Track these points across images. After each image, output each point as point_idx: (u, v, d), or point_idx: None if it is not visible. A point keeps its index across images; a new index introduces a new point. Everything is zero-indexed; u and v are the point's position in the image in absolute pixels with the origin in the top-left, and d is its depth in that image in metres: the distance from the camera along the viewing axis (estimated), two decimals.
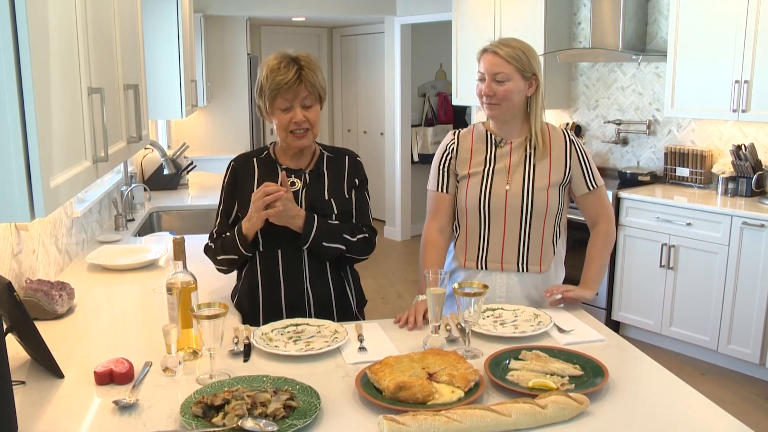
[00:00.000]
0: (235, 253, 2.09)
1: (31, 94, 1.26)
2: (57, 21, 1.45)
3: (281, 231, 2.06)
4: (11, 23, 1.22)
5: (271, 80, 2.01)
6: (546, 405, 1.47)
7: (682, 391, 1.66)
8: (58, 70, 1.45)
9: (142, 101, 2.38)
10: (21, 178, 1.27)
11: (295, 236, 2.07)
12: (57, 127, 1.42)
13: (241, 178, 2.16)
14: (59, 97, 1.45)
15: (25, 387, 1.65)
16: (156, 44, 4.06)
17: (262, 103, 2.08)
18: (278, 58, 2.05)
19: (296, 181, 2.13)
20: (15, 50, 1.23)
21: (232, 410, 1.44)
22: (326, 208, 2.11)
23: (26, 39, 1.24)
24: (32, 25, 1.27)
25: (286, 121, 2.05)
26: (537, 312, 2.10)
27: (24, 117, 1.26)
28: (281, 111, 2.05)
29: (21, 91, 1.25)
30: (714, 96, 4.22)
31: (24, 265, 2.27)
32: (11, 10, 1.22)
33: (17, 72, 1.24)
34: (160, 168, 4.43)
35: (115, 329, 2.14)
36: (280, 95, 2.02)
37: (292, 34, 8.14)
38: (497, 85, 2.15)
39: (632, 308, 4.57)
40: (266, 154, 2.20)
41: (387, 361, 1.67)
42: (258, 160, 2.18)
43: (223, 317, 1.65)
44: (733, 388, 3.95)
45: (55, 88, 1.41)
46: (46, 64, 1.37)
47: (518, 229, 2.22)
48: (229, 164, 2.21)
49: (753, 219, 3.89)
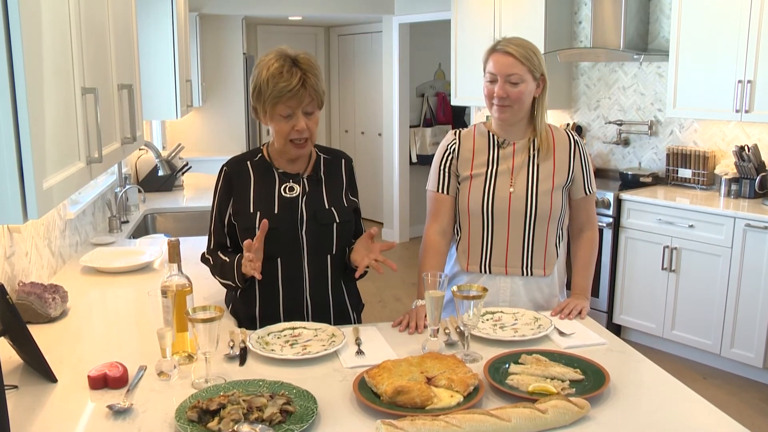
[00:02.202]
0: (233, 282, 2.04)
1: (23, 94, 1.25)
2: (50, 20, 1.44)
3: (282, 239, 2.03)
4: (4, 22, 1.21)
5: (272, 86, 1.93)
6: (546, 410, 1.46)
7: (684, 395, 1.65)
8: (51, 70, 1.44)
9: (136, 101, 2.37)
10: (14, 180, 1.27)
11: (295, 244, 2.04)
12: (50, 127, 1.42)
13: (236, 184, 2.08)
14: (52, 98, 1.44)
15: (18, 391, 1.64)
16: (150, 43, 4.04)
17: (260, 106, 1.99)
18: (278, 60, 1.95)
19: (294, 186, 2.09)
20: (7, 50, 1.23)
21: (227, 415, 1.43)
22: (328, 217, 2.07)
23: (19, 38, 1.23)
24: (25, 24, 1.26)
25: (288, 129, 1.98)
26: (537, 315, 2.09)
27: (17, 117, 1.25)
28: (282, 118, 1.97)
29: (14, 92, 1.24)
30: (717, 96, 4.20)
31: (17, 268, 2.25)
32: (4, 9, 1.21)
33: (10, 72, 1.23)
34: (154, 169, 4.42)
35: (109, 333, 2.13)
36: (282, 102, 1.94)
37: (289, 33, 8.13)
38: (511, 86, 2.11)
39: (634, 311, 4.55)
40: (260, 157, 2.12)
41: (385, 365, 1.66)
42: (252, 163, 2.11)
43: (218, 320, 1.64)
44: (736, 392, 3.93)
45: (48, 88, 1.41)
46: (39, 64, 1.36)
47: (522, 232, 2.20)
48: (221, 170, 2.13)
49: (756, 221, 3.86)
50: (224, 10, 6.34)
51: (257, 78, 1.98)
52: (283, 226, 2.03)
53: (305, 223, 2.06)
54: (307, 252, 2.07)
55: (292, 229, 2.05)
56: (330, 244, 2.09)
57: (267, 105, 1.96)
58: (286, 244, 2.05)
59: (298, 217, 2.06)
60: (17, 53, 1.23)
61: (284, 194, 2.07)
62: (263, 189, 2.07)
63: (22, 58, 1.24)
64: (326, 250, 2.09)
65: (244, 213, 2.05)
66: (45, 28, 1.40)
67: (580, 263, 2.31)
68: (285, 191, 2.08)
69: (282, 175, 2.10)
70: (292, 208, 2.06)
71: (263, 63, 1.98)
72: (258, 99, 1.99)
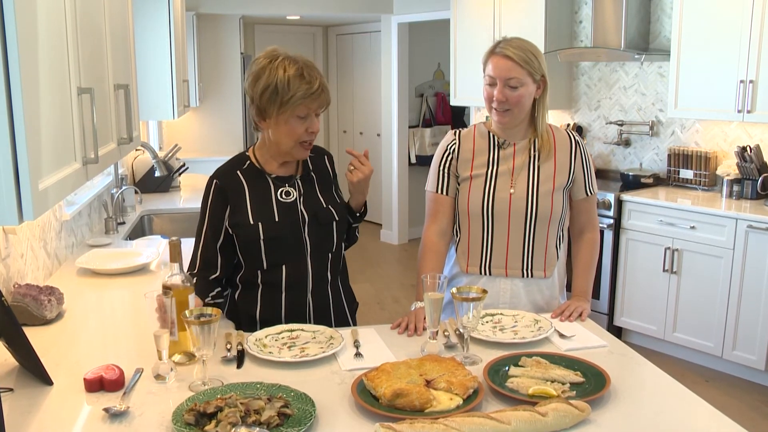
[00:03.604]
0: None
1: (19, 95, 1.25)
2: (46, 19, 1.44)
3: (285, 245, 2.02)
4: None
5: (296, 87, 1.90)
6: (546, 412, 1.45)
7: (685, 398, 1.64)
8: (47, 70, 1.44)
9: (132, 101, 2.37)
10: (9, 181, 1.27)
11: (299, 247, 2.03)
12: (46, 128, 1.42)
13: (232, 196, 2.03)
14: (48, 98, 1.44)
15: (13, 394, 1.63)
16: (147, 43, 4.04)
17: (273, 107, 1.93)
18: (291, 62, 1.93)
19: (290, 190, 2.07)
20: (3, 49, 1.23)
21: (225, 418, 1.42)
22: (327, 216, 2.08)
23: (14, 38, 1.23)
24: (20, 24, 1.26)
25: (301, 130, 1.97)
26: (537, 317, 2.08)
27: (12, 118, 1.26)
28: (298, 119, 1.96)
29: (9, 92, 1.24)
30: (718, 96, 4.18)
31: (12, 270, 2.24)
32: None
33: (5, 72, 1.23)
34: (151, 170, 4.41)
35: (105, 335, 2.12)
36: (305, 103, 1.93)
37: (287, 32, 8.12)
38: (510, 90, 2.10)
39: (635, 313, 4.53)
40: (249, 164, 2.08)
41: (384, 367, 1.65)
42: (242, 172, 2.06)
43: (215, 323, 1.63)
44: (738, 395, 3.91)
45: (43, 88, 1.41)
46: (35, 64, 1.36)
47: (523, 233, 2.19)
48: (210, 183, 2.06)
49: (758, 222, 3.85)
50: (221, 10, 6.33)
51: (271, 78, 1.92)
52: (285, 232, 2.02)
53: (307, 225, 2.05)
54: (310, 253, 2.06)
55: (294, 234, 2.04)
56: (331, 242, 2.10)
57: (285, 105, 1.93)
58: (291, 249, 2.04)
59: (299, 220, 2.05)
60: (12, 53, 1.23)
61: (281, 199, 2.05)
62: (259, 198, 2.04)
63: (17, 58, 1.24)
64: (328, 249, 2.10)
65: (243, 226, 2.01)
66: (41, 28, 1.39)
67: (580, 265, 2.30)
68: (282, 196, 2.06)
69: (276, 180, 2.07)
70: (292, 212, 2.05)
71: (274, 65, 1.93)
72: (272, 100, 1.93)
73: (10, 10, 1.22)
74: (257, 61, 1.98)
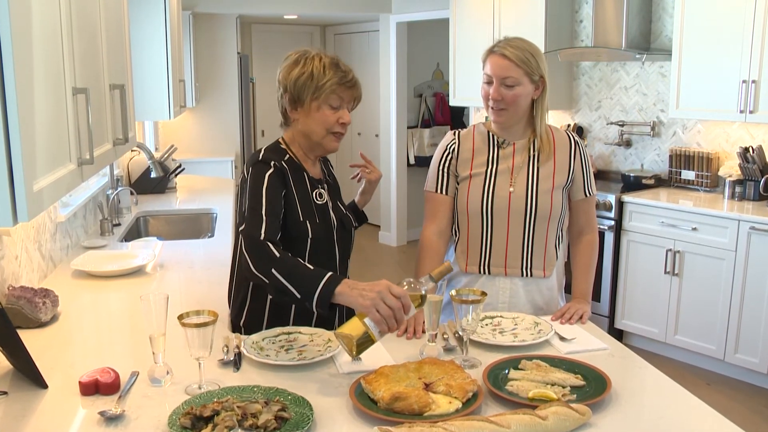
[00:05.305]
0: (301, 296, 1.76)
1: (13, 95, 1.25)
2: (40, 19, 1.44)
3: (321, 249, 1.99)
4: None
5: (333, 74, 1.91)
6: (547, 416, 1.45)
7: (687, 401, 1.63)
8: (42, 70, 1.44)
9: (128, 102, 2.37)
10: (3, 182, 1.27)
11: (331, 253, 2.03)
12: (40, 128, 1.42)
13: (287, 183, 1.95)
14: (43, 98, 1.44)
15: (7, 398, 1.62)
16: (143, 43, 4.02)
17: (307, 93, 1.92)
18: (328, 56, 1.96)
19: (322, 192, 2.05)
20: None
21: (221, 422, 1.42)
22: (349, 222, 2.11)
23: (8, 37, 1.23)
24: (15, 23, 1.25)
25: (333, 120, 1.96)
26: (537, 320, 2.07)
27: (6, 118, 1.26)
28: (330, 108, 1.95)
29: (3, 92, 1.24)
30: (720, 96, 4.17)
31: (6, 272, 2.24)
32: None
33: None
34: (147, 171, 4.40)
35: (100, 338, 2.12)
36: (339, 92, 1.93)
37: (284, 32, 8.12)
38: (506, 89, 2.11)
39: (636, 316, 4.52)
40: (289, 157, 2.00)
41: (382, 370, 1.65)
42: (286, 163, 1.97)
43: (212, 325, 1.62)
44: (741, 399, 3.90)
45: (38, 88, 1.40)
46: (29, 64, 1.36)
47: (522, 232, 2.19)
48: (267, 162, 1.92)
49: (761, 223, 3.84)
50: (218, 9, 6.32)
51: (307, 66, 1.93)
52: (327, 235, 2.01)
53: (336, 230, 2.04)
54: (339, 259, 2.06)
55: (328, 239, 2.02)
56: (350, 249, 2.11)
57: (319, 91, 1.92)
58: (326, 255, 2.02)
59: (332, 225, 2.03)
60: (7, 52, 1.23)
61: (317, 201, 2.02)
62: (302, 195, 1.99)
63: (11, 58, 1.24)
64: (348, 255, 2.11)
65: (293, 220, 1.95)
66: (35, 27, 1.39)
67: (580, 267, 2.30)
68: (316, 198, 2.03)
69: (312, 180, 2.04)
70: (326, 216, 2.03)
71: (310, 55, 1.95)
72: (306, 85, 1.92)
73: (5, 10, 1.21)
74: (290, 56, 1.99)
